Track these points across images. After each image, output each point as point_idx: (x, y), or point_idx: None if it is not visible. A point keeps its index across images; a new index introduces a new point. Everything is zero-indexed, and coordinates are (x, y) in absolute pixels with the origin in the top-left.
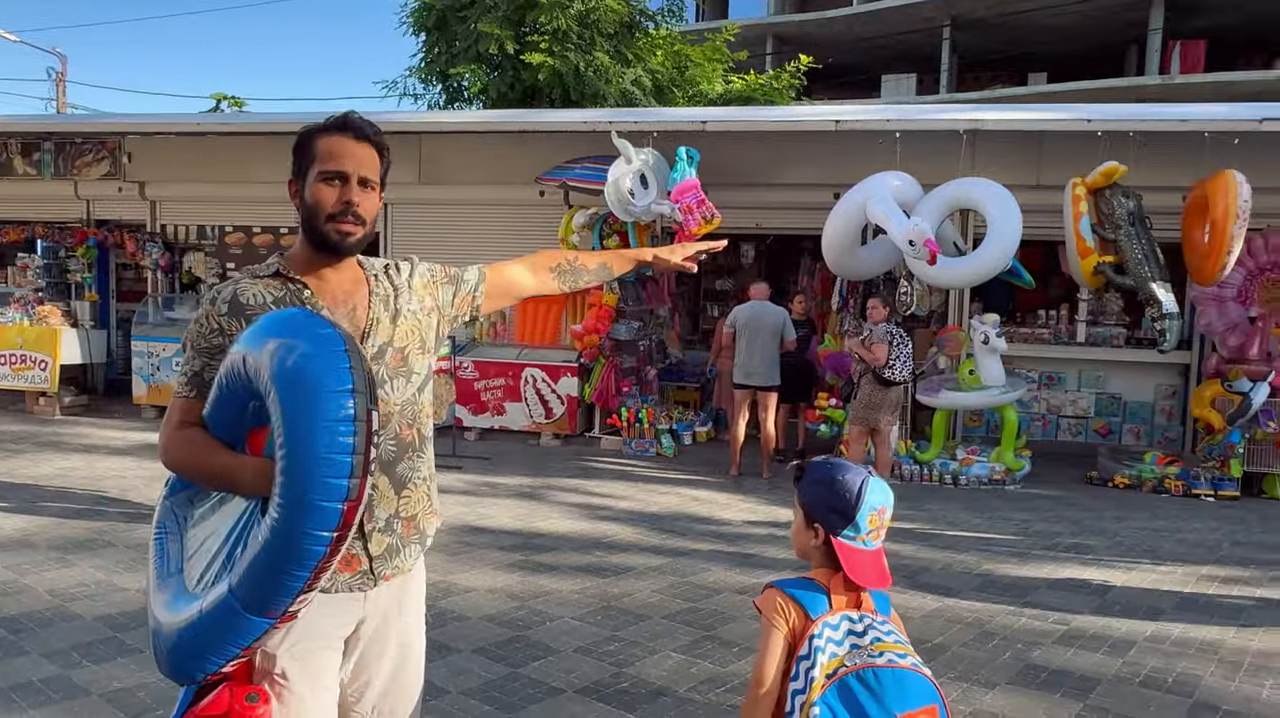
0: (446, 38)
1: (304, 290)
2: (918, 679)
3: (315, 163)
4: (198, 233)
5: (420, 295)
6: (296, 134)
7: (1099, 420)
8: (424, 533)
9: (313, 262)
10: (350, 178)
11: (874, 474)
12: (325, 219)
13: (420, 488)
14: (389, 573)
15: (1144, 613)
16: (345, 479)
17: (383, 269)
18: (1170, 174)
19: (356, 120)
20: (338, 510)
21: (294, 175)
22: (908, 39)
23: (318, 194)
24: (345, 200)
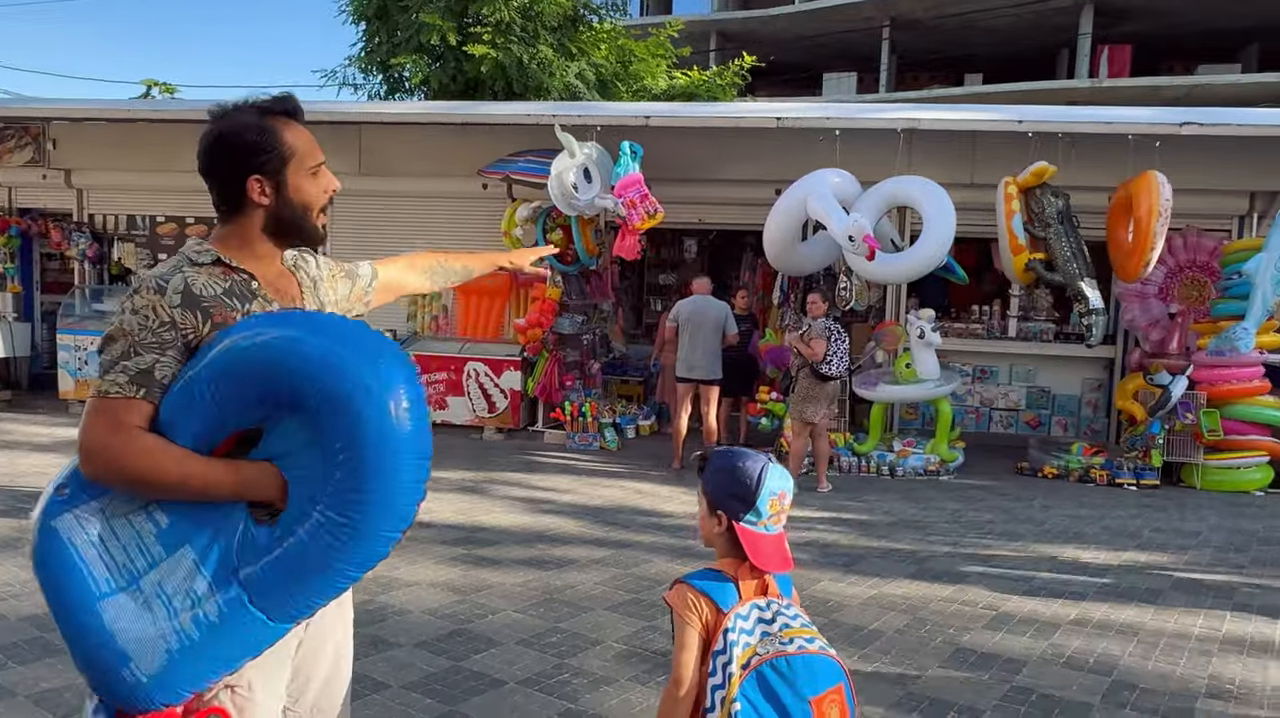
0: (387, 27)
1: (251, 281)
2: (825, 662)
3: (295, 157)
4: (128, 223)
5: (330, 288)
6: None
7: (1029, 413)
8: None
9: (254, 251)
10: (323, 165)
11: (774, 461)
12: (316, 214)
13: None
14: None
15: (1069, 597)
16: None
17: (294, 261)
18: (1097, 175)
19: (296, 103)
20: (412, 512)
21: (262, 173)
22: (849, 38)
23: (310, 188)
24: (332, 190)
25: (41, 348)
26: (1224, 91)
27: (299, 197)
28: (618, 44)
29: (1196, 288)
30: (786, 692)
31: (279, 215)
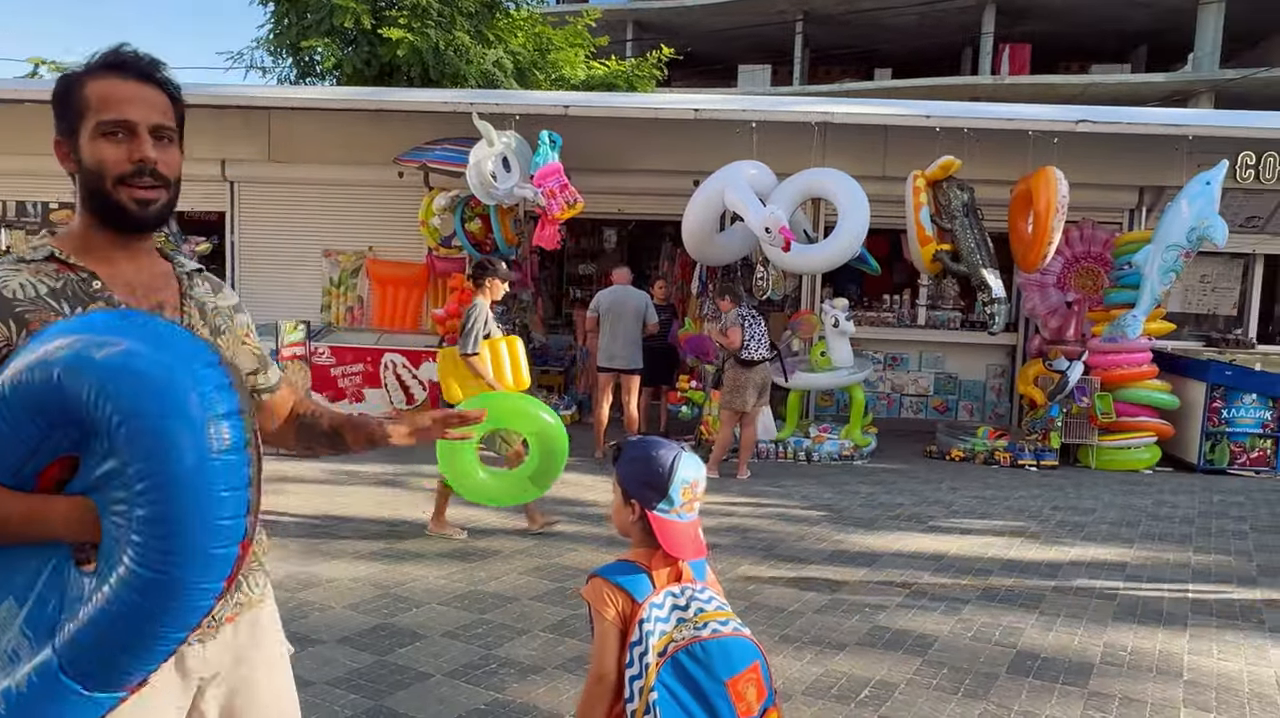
0: (298, 9)
1: (92, 280)
2: (740, 643)
3: (88, 114)
4: (17, 209)
5: (230, 340)
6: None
7: (937, 398)
8: (260, 558)
9: (98, 243)
10: (138, 128)
11: (686, 450)
12: (114, 183)
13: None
14: (231, 613)
15: (975, 574)
16: (243, 518)
17: (196, 272)
18: (999, 169)
19: (133, 56)
20: (232, 556)
21: (60, 134)
22: (763, 31)
23: (99, 153)
24: (138, 158)
25: None
26: (1115, 90)
27: (90, 160)
28: (535, 31)
29: (1091, 278)
30: (703, 676)
31: (81, 185)
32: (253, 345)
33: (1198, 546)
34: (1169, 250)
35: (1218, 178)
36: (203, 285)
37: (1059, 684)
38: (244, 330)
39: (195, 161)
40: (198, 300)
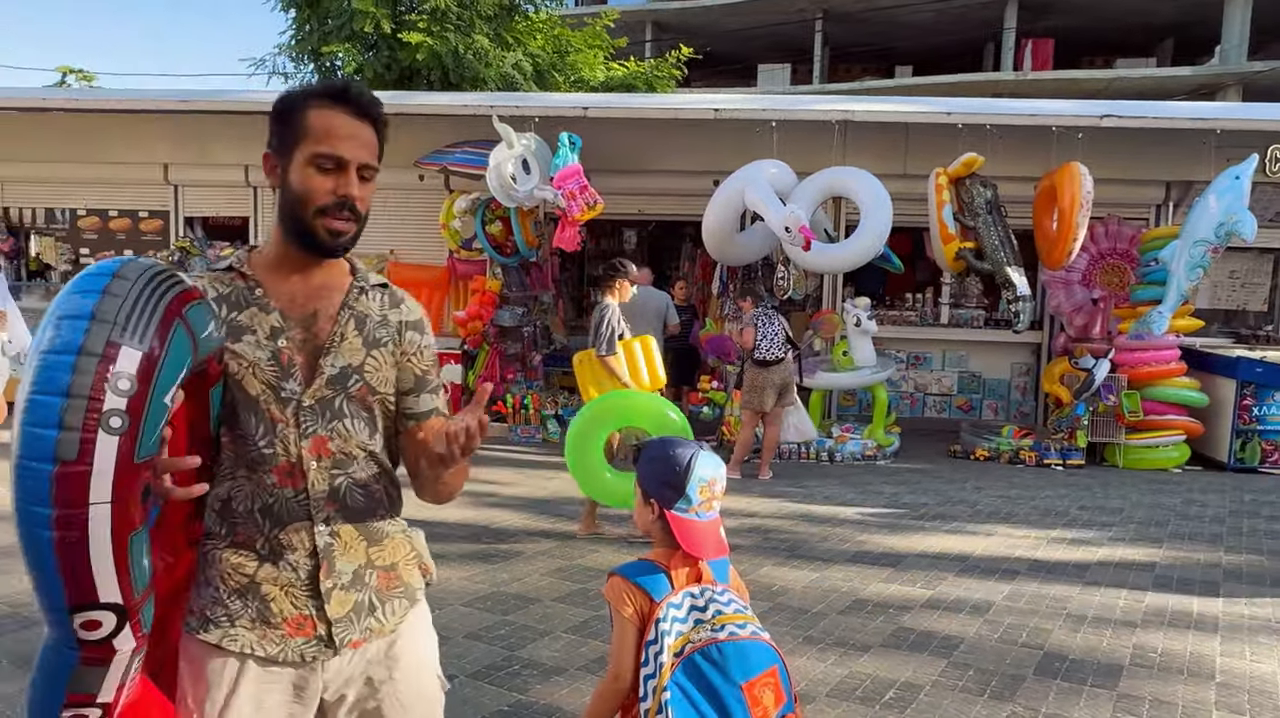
0: (319, 14)
1: (255, 288)
2: (757, 647)
3: (305, 141)
4: (46, 216)
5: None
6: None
7: (961, 397)
8: (409, 586)
9: (283, 259)
10: (349, 166)
11: (705, 449)
12: (314, 213)
13: (398, 538)
14: (357, 638)
15: (1001, 575)
16: (54, 429)
17: (376, 285)
18: (1023, 165)
19: (359, 93)
20: (46, 474)
21: (273, 149)
22: (782, 30)
23: (308, 182)
24: (342, 194)
25: None
26: (1140, 85)
27: (297, 185)
28: (554, 33)
29: (1117, 274)
30: (718, 678)
31: (281, 203)
32: (417, 365)
33: (1229, 545)
34: (1196, 246)
35: (1247, 172)
36: (376, 299)
37: (1087, 686)
38: (413, 348)
39: (219, 167)
40: (358, 312)
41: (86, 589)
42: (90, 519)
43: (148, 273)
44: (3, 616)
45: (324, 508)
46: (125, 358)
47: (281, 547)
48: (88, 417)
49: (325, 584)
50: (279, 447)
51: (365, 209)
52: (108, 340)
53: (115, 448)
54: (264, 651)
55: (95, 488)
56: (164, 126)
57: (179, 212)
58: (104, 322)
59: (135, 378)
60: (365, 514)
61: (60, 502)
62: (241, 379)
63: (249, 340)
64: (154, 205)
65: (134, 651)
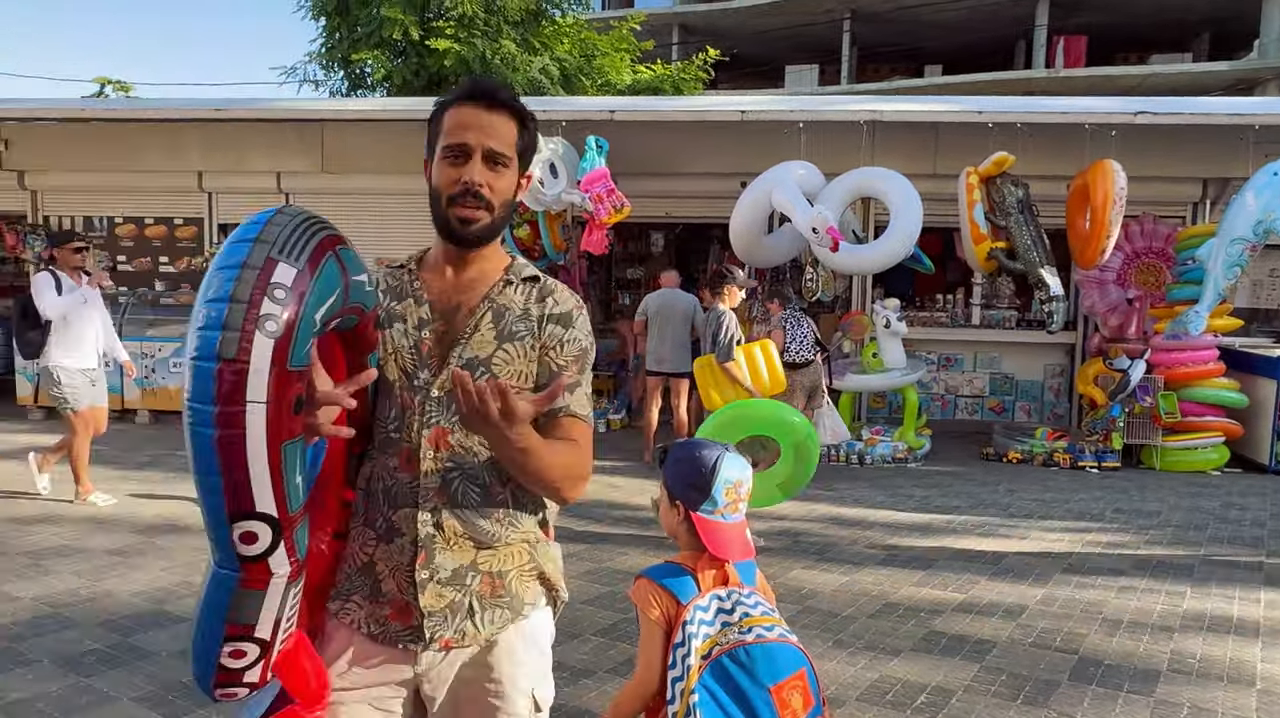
0: (348, 22)
1: (414, 282)
2: (785, 649)
3: (440, 138)
4: (84, 224)
5: (521, 351)
6: (193, 120)
7: (993, 399)
8: (518, 598)
9: (440, 255)
10: (473, 152)
11: (731, 451)
12: (446, 203)
13: (516, 547)
14: (448, 637)
15: (1034, 579)
16: (217, 330)
17: (526, 279)
18: (1055, 164)
19: (486, 85)
20: (209, 370)
21: (427, 156)
22: (810, 30)
23: (440, 174)
24: (464, 180)
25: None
26: (1176, 80)
27: (434, 180)
28: (580, 38)
29: (1153, 273)
30: (746, 681)
31: (430, 203)
32: (554, 360)
33: (1270, 549)
34: (1234, 244)
35: None
36: (522, 292)
37: (1124, 692)
38: (553, 342)
39: (252, 174)
40: (498, 305)
41: (244, 496)
42: (247, 417)
43: (303, 214)
44: (44, 616)
45: (431, 498)
46: (281, 272)
47: (394, 530)
48: (246, 318)
49: (420, 575)
50: (405, 433)
51: (499, 198)
52: (267, 257)
53: (270, 349)
54: (369, 629)
55: (252, 386)
56: (198, 135)
57: (213, 219)
58: (265, 242)
59: (290, 289)
60: (477, 515)
61: (221, 398)
62: (385, 364)
63: (398, 328)
64: (189, 213)
65: (289, 578)
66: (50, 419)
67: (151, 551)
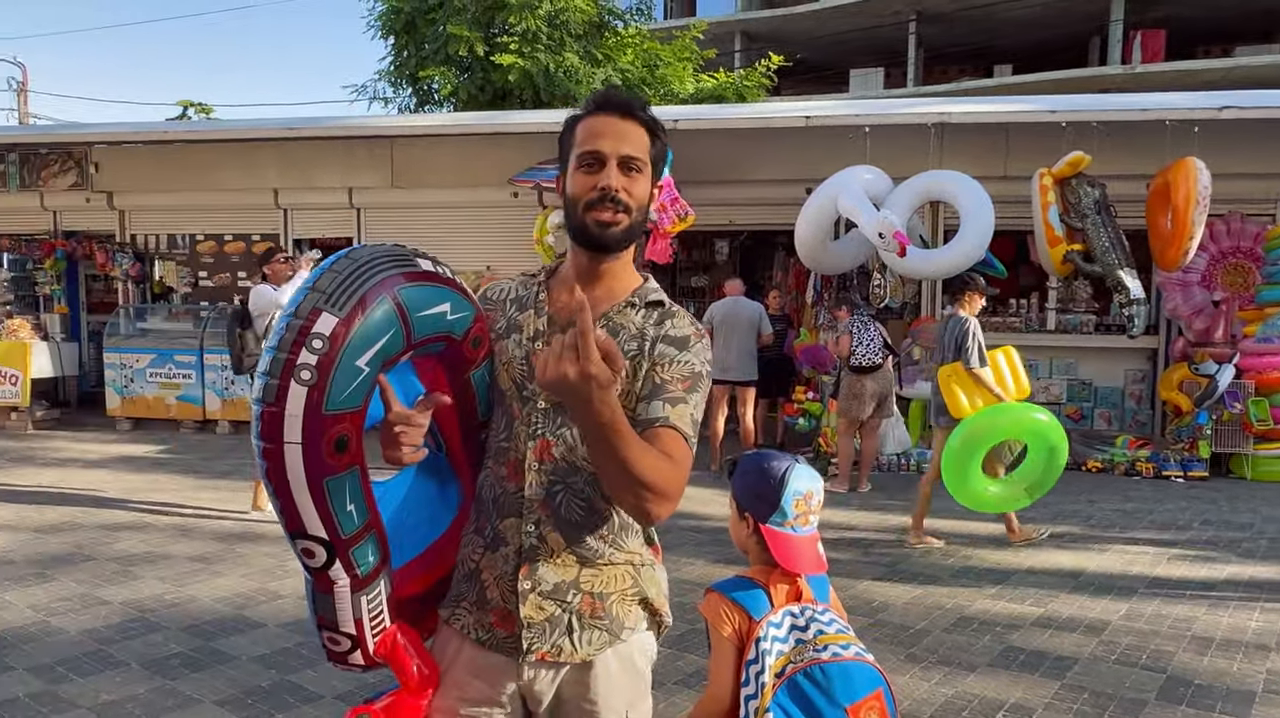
0: (415, 40)
1: (541, 293)
2: (862, 668)
3: (574, 148)
4: (168, 242)
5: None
6: (269, 139)
7: (1071, 406)
8: (617, 621)
9: (574, 267)
10: (608, 159)
11: (800, 462)
12: (583, 210)
13: (619, 568)
14: (544, 651)
15: (1117, 593)
16: (264, 377)
17: (650, 304)
18: (1133, 162)
19: (617, 96)
20: (259, 412)
21: (560, 170)
22: (875, 33)
23: (575, 182)
24: (603, 186)
25: (89, 367)
26: (1263, 73)
27: (569, 189)
28: (643, 48)
29: (1241, 274)
30: (821, 700)
31: (565, 214)
32: (658, 374)
33: None
34: None
35: None
36: (643, 315)
37: (1216, 713)
38: (663, 359)
39: (325, 190)
40: (615, 324)
41: (295, 520)
42: (286, 456)
43: (372, 255)
44: (131, 619)
45: (535, 511)
46: (323, 322)
47: (499, 538)
48: (285, 368)
49: (523, 585)
50: (513, 443)
51: (636, 202)
52: (314, 307)
53: (304, 395)
54: (476, 635)
55: (288, 428)
56: (274, 153)
57: (288, 234)
58: (317, 291)
59: (328, 339)
60: (581, 530)
61: (265, 436)
62: (499, 374)
63: (514, 339)
64: (265, 229)
65: (352, 588)
66: (137, 430)
67: (231, 557)
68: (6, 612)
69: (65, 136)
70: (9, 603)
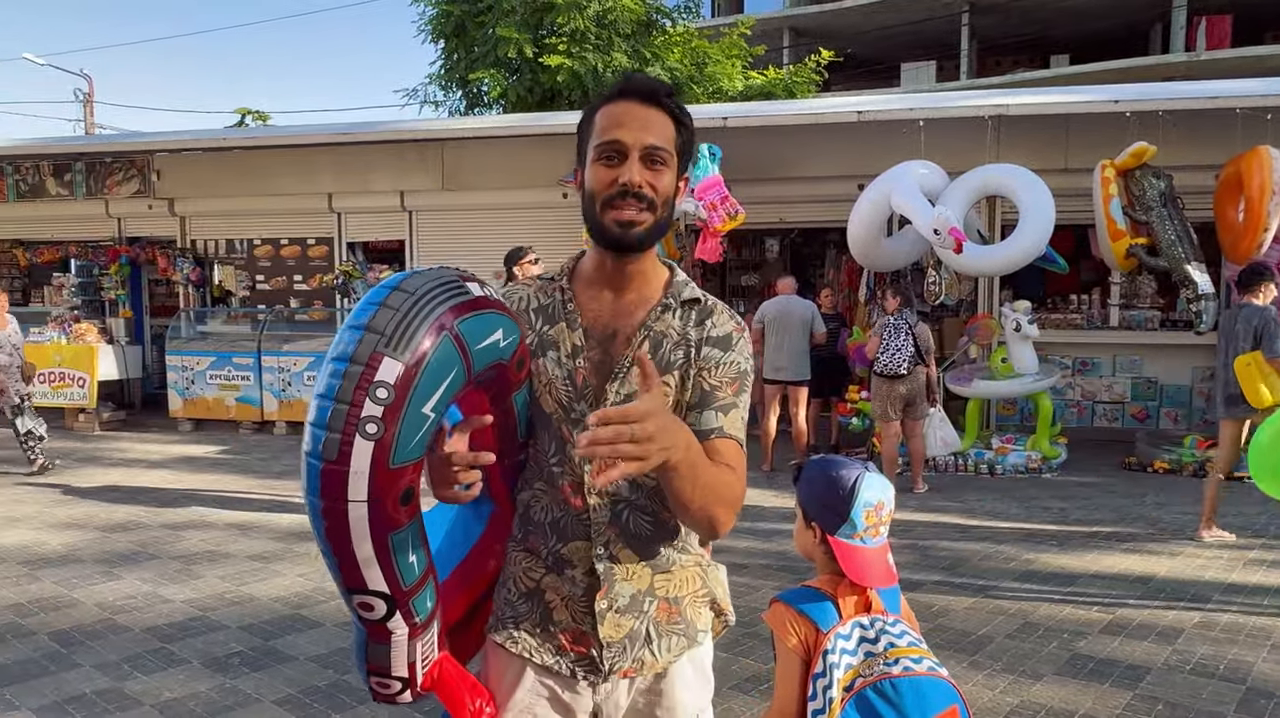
0: (465, 44)
1: (568, 303)
2: (936, 684)
3: (592, 138)
4: (227, 247)
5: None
6: (323, 144)
7: (1135, 405)
8: (692, 625)
9: (597, 268)
10: (629, 150)
11: (871, 470)
12: (602, 206)
13: (689, 570)
14: (627, 667)
15: (1190, 600)
16: (321, 430)
17: (686, 303)
18: (1201, 153)
19: (640, 81)
20: (315, 469)
21: (578, 163)
22: (926, 26)
23: (594, 176)
24: (623, 181)
25: (152, 369)
26: None
27: (588, 183)
28: (691, 46)
29: None
30: (893, 716)
31: (583, 210)
32: (706, 380)
33: None
34: None
35: None
36: (679, 317)
37: None
38: (708, 363)
39: (377, 194)
40: (656, 333)
41: (355, 577)
42: (350, 514)
43: (426, 285)
44: (191, 618)
45: (604, 532)
46: (386, 368)
47: (563, 561)
48: (348, 421)
49: (600, 605)
50: (567, 466)
51: (661, 197)
52: (373, 351)
53: (370, 451)
54: (541, 659)
55: (353, 487)
56: (328, 158)
57: (342, 237)
58: (374, 333)
59: (394, 388)
60: (651, 541)
61: (325, 495)
62: (540, 396)
63: (552, 357)
64: (320, 233)
65: (410, 636)
66: (198, 430)
67: (289, 556)
68: (76, 610)
69: (128, 145)
70: (78, 601)
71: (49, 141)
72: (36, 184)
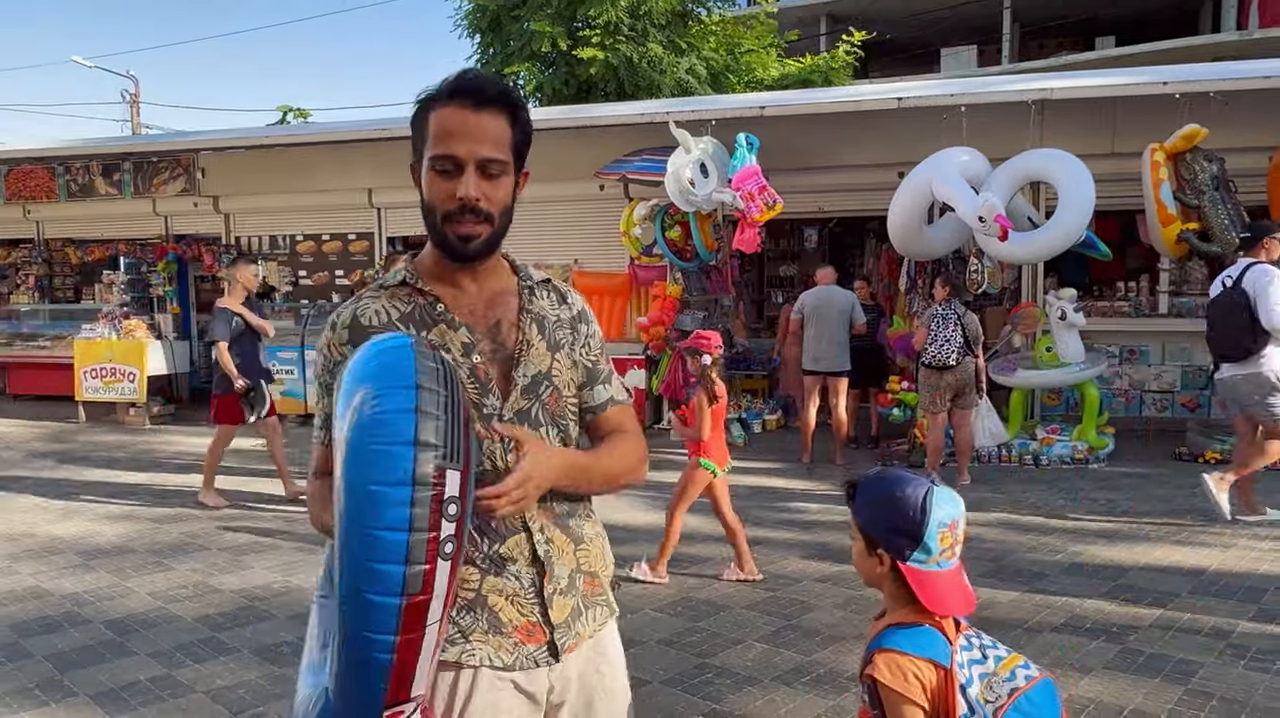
0: (500, 38)
1: (436, 305)
2: (1048, 685)
3: (427, 145)
4: (270, 243)
5: (576, 346)
6: (363, 140)
7: (1185, 394)
8: (608, 595)
9: (445, 267)
10: (465, 163)
11: (938, 483)
12: (442, 220)
13: (597, 543)
14: (572, 643)
15: (1245, 594)
16: (400, 565)
17: (541, 283)
18: (1256, 134)
19: (471, 81)
20: (394, 608)
21: (414, 159)
22: (966, 10)
23: (432, 189)
24: (460, 197)
25: (199, 364)
26: None
27: (426, 194)
28: (725, 34)
29: None
30: None
31: (424, 216)
32: (586, 357)
33: None
34: None
35: None
36: (545, 298)
37: None
38: (581, 340)
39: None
40: (536, 315)
41: (404, 693)
42: (425, 638)
43: (437, 377)
44: (240, 608)
45: (537, 518)
46: (450, 482)
47: (502, 559)
48: (429, 551)
49: (548, 590)
50: (487, 463)
51: (498, 208)
52: (437, 467)
53: (449, 570)
54: (500, 660)
55: (432, 611)
56: (368, 154)
57: (382, 233)
58: (431, 447)
59: (459, 498)
60: (569, 516)
61: (405, 629)
62: None
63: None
64: (360, 228)
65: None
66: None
67: None
68: (129, 599)
69: (174, 144)
70: (131, 591)
71: (98, 142)
72: (86, 184)
